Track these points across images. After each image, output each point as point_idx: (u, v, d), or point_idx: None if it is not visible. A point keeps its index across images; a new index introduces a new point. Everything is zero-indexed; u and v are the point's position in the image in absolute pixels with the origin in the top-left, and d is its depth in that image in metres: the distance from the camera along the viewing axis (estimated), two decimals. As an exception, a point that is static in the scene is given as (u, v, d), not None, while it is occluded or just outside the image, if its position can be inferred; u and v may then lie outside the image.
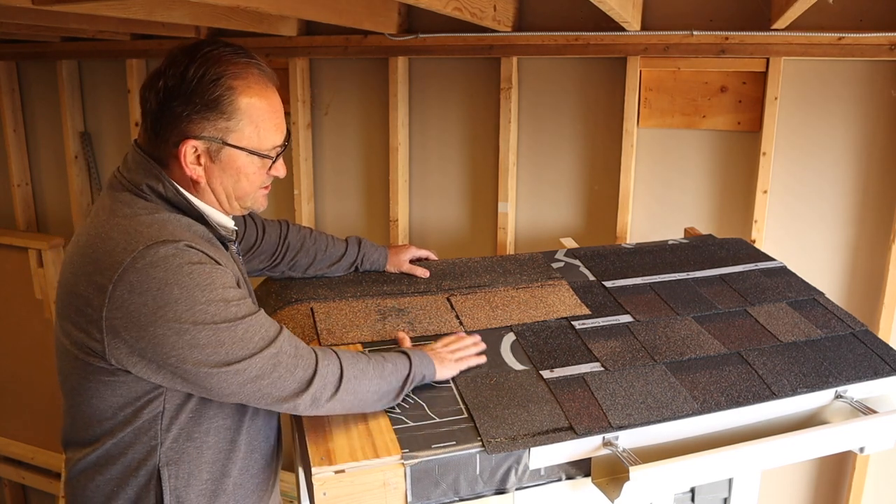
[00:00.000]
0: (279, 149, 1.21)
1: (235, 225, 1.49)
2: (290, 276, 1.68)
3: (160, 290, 1.05)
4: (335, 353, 1.20)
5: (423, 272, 1.75)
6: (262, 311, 1.17)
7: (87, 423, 1.18)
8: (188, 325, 1.06)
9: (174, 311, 1.05)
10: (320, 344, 1.45)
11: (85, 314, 1.09)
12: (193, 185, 1.18)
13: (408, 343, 1.44)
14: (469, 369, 1.37)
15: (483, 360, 1.40)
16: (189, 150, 1.13)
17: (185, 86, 1.10)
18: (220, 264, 1.13)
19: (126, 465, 1.17)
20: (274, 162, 1.22)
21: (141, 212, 1.13)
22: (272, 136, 1.19)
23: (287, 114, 2.63)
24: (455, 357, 1.37)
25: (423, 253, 1.82)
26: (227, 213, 1.25)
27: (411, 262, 1.77)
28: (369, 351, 1.30)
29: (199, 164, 1.16)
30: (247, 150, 1.16)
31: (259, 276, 1.67)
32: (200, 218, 1.19)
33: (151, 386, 1.13)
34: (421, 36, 2.38)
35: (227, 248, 1.25)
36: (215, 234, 1.21)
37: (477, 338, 1.45)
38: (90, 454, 1.18)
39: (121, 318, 1.06)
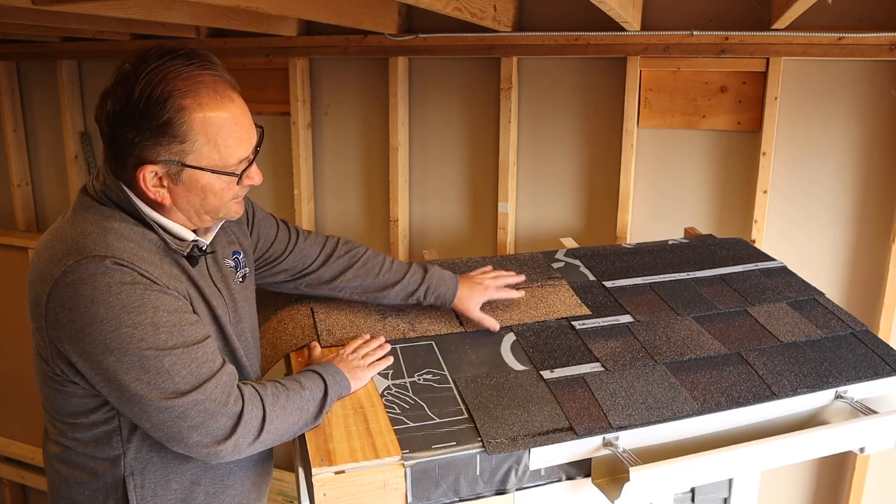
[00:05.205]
0: (247, 161, 1.13)
1: (265, 228, 1.42)
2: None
3: (87, 307, 1.01)
4: (258, 393, 1.13)
5: (493, 325, 1.50)
6: (205, 342, 1.09)
7: (52, 422, 1.19)
8: (113, 346, 1.01)
9: (100, 331, 1.01)
10: (321, 345, 1.45)
11: (35, 321, 1.09)
12: (159, 206, 1.12)
13: (318, 352, 1.40)
14: (469, 370, 1.37)
15: (391, 360, 1.39)
16: (148, 176, 1.07)
17: (132, 110, 1.03)
18: (158, 284, 1.06)
19: (92, 471, 1.17)
20: (243, 174, 1.14)
21: (91, 217, 1.09)
22: (236, 150, 1.10)
23: (287, 114, 2.63)
24: (366, 362, 1.35)
25: (503, 282, 1.58)
26: (198, 227, 1.18)
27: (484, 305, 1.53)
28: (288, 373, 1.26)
29: (163, 187, 1.09)
30: (209, 170, 1.09)
31: (277, 289, 1.54)
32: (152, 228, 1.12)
33: (103, 398, 1.10)
34: (421, 36, 2.38)
35: (194, 261, 1.17)
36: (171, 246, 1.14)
37: (382, 339, 1.44)
38: (60, 452, 1.19)
39: (56, 329, 1.05)
